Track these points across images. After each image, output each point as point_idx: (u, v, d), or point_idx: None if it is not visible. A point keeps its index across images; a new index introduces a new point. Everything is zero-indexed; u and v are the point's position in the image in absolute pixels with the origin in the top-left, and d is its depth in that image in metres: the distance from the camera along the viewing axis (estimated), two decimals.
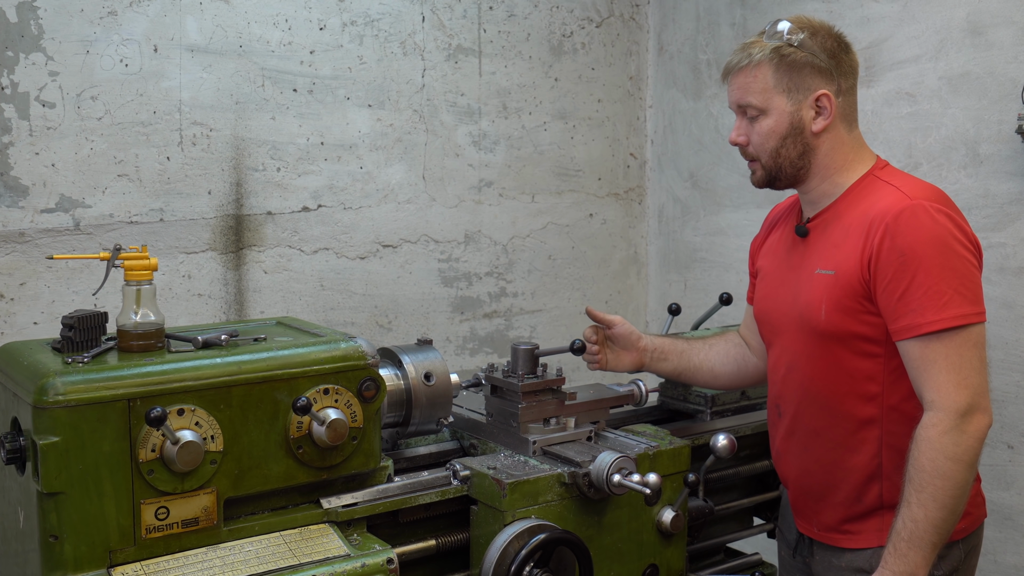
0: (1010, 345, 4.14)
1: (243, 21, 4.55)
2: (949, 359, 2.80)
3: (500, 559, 2.80)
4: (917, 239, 2.84)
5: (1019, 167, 4.05)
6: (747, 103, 3.06)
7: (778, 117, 3.04)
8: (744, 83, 3.06)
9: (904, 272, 2.84)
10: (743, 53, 3.08)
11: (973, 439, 2.79)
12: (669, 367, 3.54)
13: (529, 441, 3.10)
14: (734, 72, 3.10)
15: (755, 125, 3.07)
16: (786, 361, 3.19)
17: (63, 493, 2.40)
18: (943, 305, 2.80)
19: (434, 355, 3.13)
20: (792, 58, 3.01)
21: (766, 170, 3.11)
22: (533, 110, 5.42)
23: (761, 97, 3.04)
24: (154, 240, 4.38)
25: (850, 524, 3.11)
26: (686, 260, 5.69)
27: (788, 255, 3.23)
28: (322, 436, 2.65)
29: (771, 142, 3.06)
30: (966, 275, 2.84)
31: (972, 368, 2.81)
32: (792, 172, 3.09)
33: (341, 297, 4.89)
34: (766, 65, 3.02)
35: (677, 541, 3.22)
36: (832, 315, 2.98)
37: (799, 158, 3.07)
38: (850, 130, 3.11)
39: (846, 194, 3.08)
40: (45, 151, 4.14)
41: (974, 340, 2.83)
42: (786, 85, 3.02)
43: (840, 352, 3.01)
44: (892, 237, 2.86)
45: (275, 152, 4.66)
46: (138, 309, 2.68)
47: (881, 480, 3.03)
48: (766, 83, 3.02)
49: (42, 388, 2.39)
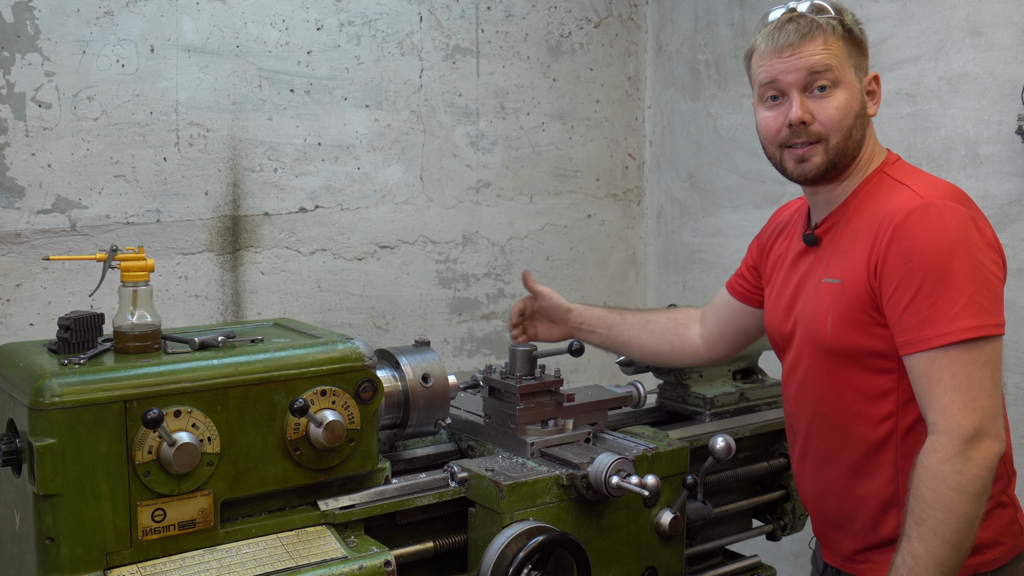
0: (1011, 346, 4.13)
1: (240, 21, 4.54)
2: (956, 377, 2.53)
3: (498, 561, 2.79)
4: (927, 242, 2.58)
5: (1019, 168, 4.05)
6: (825, 67, 2.74)
7: (851, 92, 2.77)
8: (818, 50, 2.74)
9: (911, 279, 2.58)
10: (806, 25, 2.76)
11: (980, 468, 2.50)
12: (597, 339, 3.55)
13: (527, 443, 3.10)
14: (797, 43, 2.75)
15: (827, 100, 2.76)
16: (797, 378, 2.98)
17: (59, 495, 2.39)
18: (953, 316, 2.53)
19: (432, 356, 3.13)
20: (855, 32, 2.80)
21: (831, 154, 2.79)
22: (531, 110, 5.41)
23: (838, 68, 2.75)
24: (151, 241, 4.37)
25: (869, 554, 2.89)
26: (685, 261, 5.68)
27: (795, 264, 3.01)
28: (319, 438, 2.65)
29: (848, 118, 2.77)
30: (982, 282, 2.56)
31: (982, 388, 2.52)
32: (850, 160, 2.82)
33: (338, 298, 4.88)
34: (838, 36, 2.75)
35: (676, 543, 3.21)
36: (839, 328, 2.75)
37: (859, 143, 2.82)
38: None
39: (854, 194, 2.85)
40: (41, 152, 4.13)
41: (987, 357, 2.54)
42: (855, 61, 2.78)
43: (849, 368, 2.78)
44: (900, 240, 2.61)
45: (272, 153, 4.65)
46: (135, 310, 2.67)
47: (899, 508, 2.75)
48: (841, 53, 2.76)
49: (38, 390, 2.39)
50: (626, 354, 3.59)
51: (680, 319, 3.51)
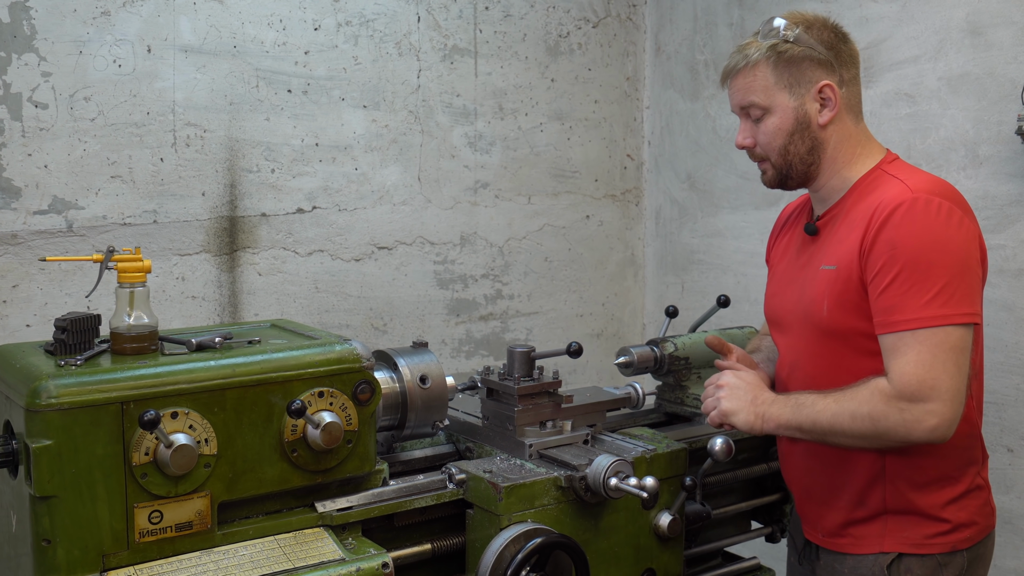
0: (1010, 348, 4.12)
1: (237, 21, 4.53)
2: (920, 355, 2.75)
3: (496, 563, 2.79)
4: (910, 232, 2.80)
5: (1019, 168, 4.04)
6: (749, 103, 3.04)
7: (783, 114, 3.02)
8: (744, 84, 3.04)
9: (892, 265, 2.80)
10: (739, 55, 3.06)
11: (904, 428, 2.77)
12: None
13: (525, 444, 3.09)
14: (733, 75, 3.08)
15: (760, 125, 3.06)
16: (790, 360, 3.19)
17: (56, 497, 2.39)
18: (924, 304, 2.76)
19: (430, 358, 3.12)
20: (790, 54, 2.99)
21: (776, 169, 3.10)
22: (529, 111, 5.40)
23: (763, 96, 3.02)
24: (148, 242, 4.36)
25: (853, 528, 3.09)
26: (683, 262, 5.68)
27: (798, 254, 3.22)
28: (317, 439, 2.65)
29: (778, 140, 3.04)
30: (958, 274, 2.79)
31: (942, 368, 2.74)
32: (803, 169, 3.07)
33: (336, 299, 4.87)
34: (764, 64, 3.00)
35: (674, 545, 3.21)
36: (834, 311, 2.96)
37: (808, 153, 3.05)
38: (856, 122, 3.09)
39: (853, 189, 3.05)
40: (38, 152, 4.12)
41: (952, 343, 2.76)
42: (787, 81, 3.00)
43: (842, 350, 2.99)
44: (887, 229, 2.83)
45: (269, 153, 4.64)
46: (131, 311, 2.67)
47: (884, 483, 3.01)
48: (767, 81, 3.01)
49: (35, 391, 2.38)
50: None
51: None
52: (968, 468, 3.04)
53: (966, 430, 3.00)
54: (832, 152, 3.06)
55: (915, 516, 3.01)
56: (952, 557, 3.00)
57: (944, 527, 3.00)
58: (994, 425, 4.17)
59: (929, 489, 3.00)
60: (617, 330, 5.83)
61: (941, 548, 2.99)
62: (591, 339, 5.71)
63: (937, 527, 3.00)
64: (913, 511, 3.00)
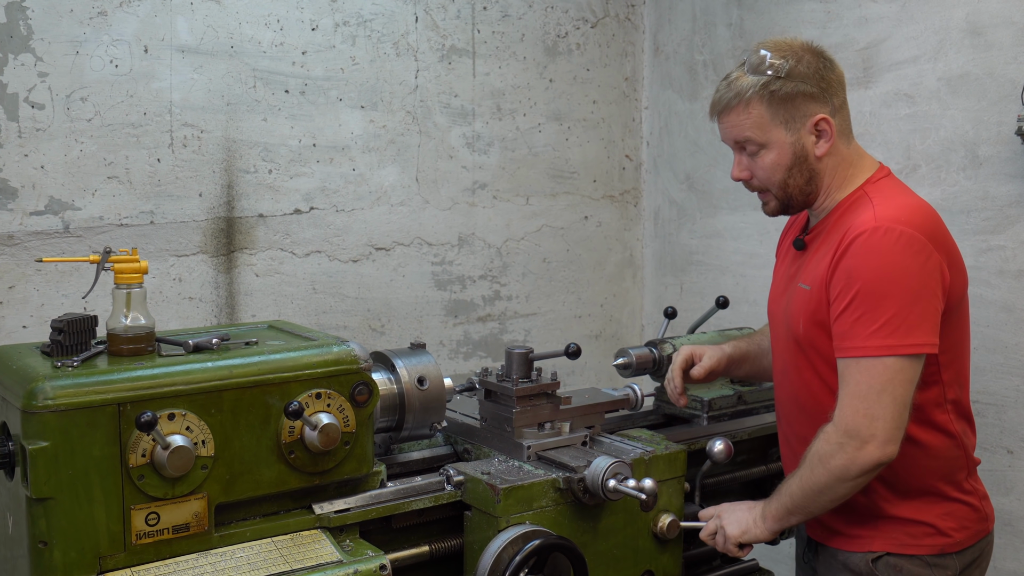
0: (1010, 349, 4.11)
1: (234, 21, 4.52)
2: (859, 386, 2.85)
3: (494, 565, 2.79)
4: (865, 263, 2.87)
5: (1019, 169, 4.03)
6: (745, 139, 3.08)
7: (780, 149, 3.06)
8: (738, 121, 3.07)
9: (846, 293, 2.88)
10: (730, 91, 3.07)
11: (853, 464, 2.86)
12: (744, 372, 3.64)
13: (523, 446, 3.09)
14: (725, 111, 3.10)
15: (757, 160, 3.10)
16: (779, 369, 3.29)
17: (52, 499, 2.40)
18: (869, 334, 2.84)
19: (427, 359, 3.13)
20: (784, 91, 3.01)
21: (779, 200, 3.16)
22: (528, 111, 5.40)
23: (759, 132, 3.05)
24: (144, 243, 4.35)
25: (843, 526, 3.15)
26: (682, 263, 5.67)
27: (788, 266, 3.29)
28: (314, 441, 2.65)
29: (777, 175, 3.09)
30: (908, 303, 2.85)
31: (878, 400, 2.83)
32: (802, 198, 3.13)
33: (333, 300, 4.86)
34: (757, 102, 3.03)
35: (673, 547, 3.22)
36: (809, 329, 3.05)
37: (807, 184, 3.11)
38: (848, 144, 3.14)
39: (836, 208, 3.12)
40: (34, 153, 4.10)
41: (892, 374, 2.84)
42: (782, 117, 3.03)
43: (819, 364, 3.07)
44: (847, 257, 2.90)
45: (267, 154, 4.63)
46: (128, 312, 2.67)
47: (867, 492, 3.04)
48: (761, 119, 3.04)
49: (31, 392, 2.39)
50: (764, 379, 3.67)
51: None
52: (952, 478, 3.10)
53: (947, 443, 3.08)
54: (828, 179, 3.12)
55: (902, 521, 3.07)
56: (942, 559, 3.06)
57: (932, 531, 3.06)
58: (993, 427, 4.16)
59: (914, 499, 3.07)
60: (615, 331, 5.83)
61: (929, 550, 3.06)
62: (589, 340, 5.70)
63: (924, 530, 3.06)
64: (900, 517, 3.07)
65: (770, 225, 5.03)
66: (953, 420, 3.07)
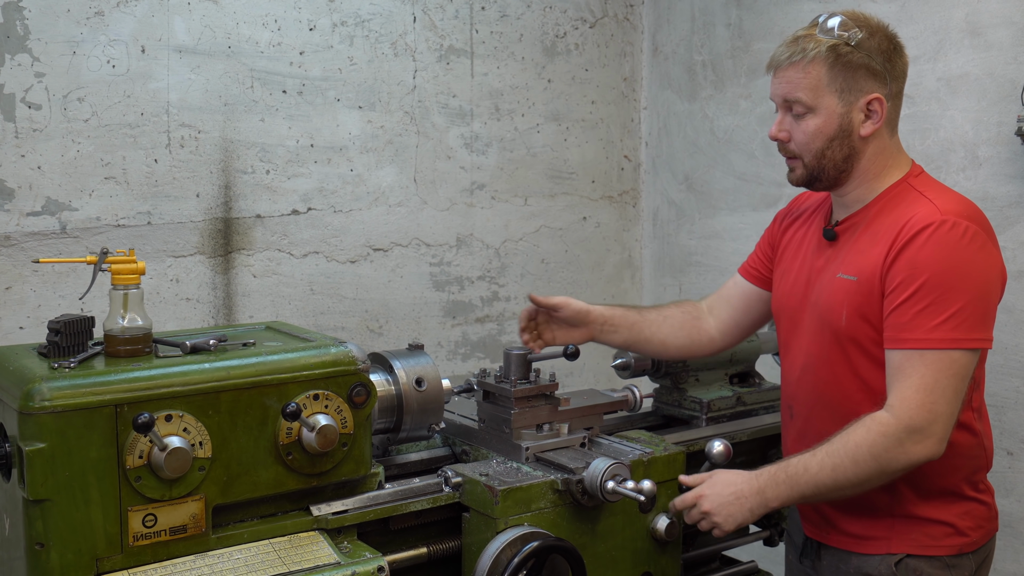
0: (1009, 350, 4.11)
1: (232, 21, 4.51)
2: (924, 379, 2.78)
3: (492, 567, 2.78)
4: (933, 253, 2.81)
5: (1019, 169, 4.02)
6: (796, 99, 2.99)
7: (827, 117, 2.98)
8: (795, 78, 2.98)
9: (910, 283, 2.82)
10: (796, 47, 2.99)
11: (905, 458, 2.80)
12: (619, 339, 3.52)
13: (522, 447, 3.09)
14: (784, 66, 3.01)
15: (801, 123, 3.01)
16: (801, 363, 3.17)
17: (49, 500, 2.39)
18: (935, 326, 2.78)
19: (425, 360, 3.12)
20: (849, 58, 2.94)
21: (808, 170, 3.06)
22: (526, 112, 5.39)
23: (812, 95, 2.97)
24: (142, 244, 4.34)
25: (858, 528, 3.09)
26: (681, 264, 5.66)
27: (814, 257, 3.19)
28: (312, 442, 2.64)
29: (817, 142, 3.00)
30: (975, 299, 2.81)
31: (943, 395, 2.78)
32: (834, 175, 3.04)
33: (331, 301, 4.86)
34: (821, 62, 2.95)
35: (672, 549, 3.21)
36: (853, 320, 2.97)
37: (843, 161, 3.01)
38: (892, 135, 3.08)
39: (877, 199, 3.05)
40: (31, 153, 4.10)
41: (956, 368, 2.79)
42: (839, 85, 2.95)
43: (858, 358, 3.00)
44: (911, 248, 2.83)
45: (264, 154, 4.63)
46: (125, 313, 2.66)
47: (891, 493, 3.00)
48: (819, 81, 2.95)
49: (28, 394, 2.38)
50: (646, 351, 3.57)
51: (692, 312, 3.57)
52: (974, 476, 3.07)
53: (971, 441, 3.03)
54: (866, 163, 3.03)
55: (923, 521, 3.01)
56: (960, 559, 3.02)
57: (951, 531, 3.01)
58: (994, 428, 4.11)
59: (936, 499, 3.01)
60: None
61: (948, 551, 3.01)
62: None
63: (944, 531, 3.01)
64: (921, 517, 3.01)
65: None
66: (976, 419, 3.04)
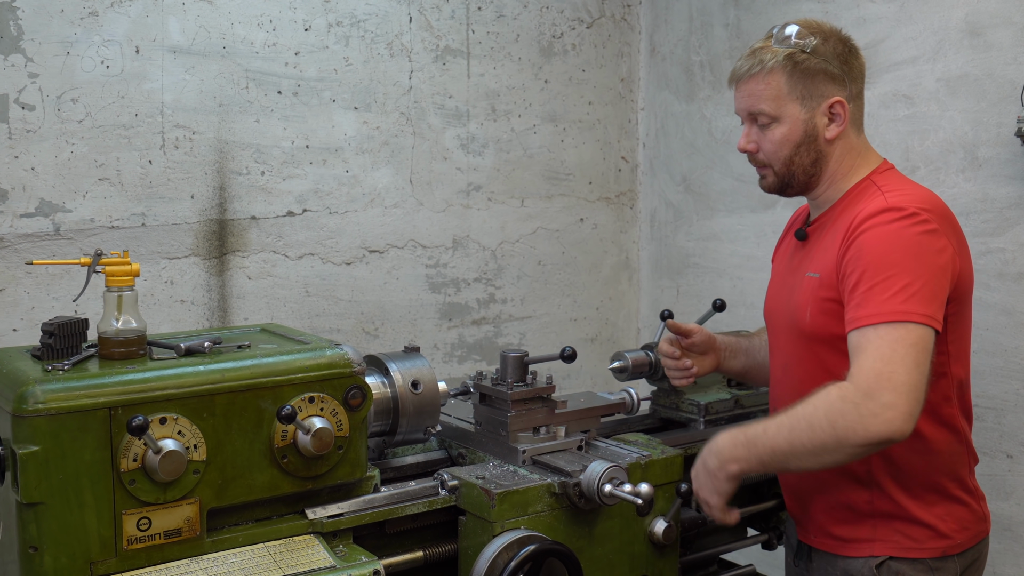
0: (1009, 352, 4.09)
1: (226, 22, 4.50)
2: (880, 349, 2.71)
3: (489, 571, 2.78)
4: (877, 236, 2.84)
5: (1018, 170, 4.01)
6: (759, 111, 3.07)
7: (792, 125, 3.05)
8: (755, 90, 3.06)
9: (858, 267, 2.84)
10: (753, 59, 3.07)
11: (864, 429, 2.66)
12: (738, 365, 3.59)
13: (518, 450, 3.09)
14: (744, 78, 3.09)
15: (767, 133, 3.09)
16: (781, 363, 3.24)
17: (43, 503, 2.39)
18: (884, 300, 2.76)
19: (421, 363, 3.12)
20: (806, 65, 3.01)
21: (778, 177, 3.14)
22: (522, 112, 5.38)
23: (774, 105, 3.04)
24: (136, 245, 4.33)
25: (842, 530, 3.11)
26: (679, 265, 5.65)
27: (790, 259, 3.27)
28: (307, 445, 2.64)
29: (784, 150, 3.07)
30: (922, 276, 2.78)
31: (901, 363, 2.69)
32: (804, 179, 3.12)
33: (326, 303, 4.84)
34: (779, 72, 3.02)
35: (669, 552, 3.21)
36: (816, 317, 3.01)
37: (812, 165, 3.10)
38: (858, 134, 3.14)
39: (842, 199, 3.11)
40: (24, 154, 4.08)
41: (913, 339, 2.72)
42: (800, 92, 3.03)
43: (826, 355, 3.02)
44: (859, 235, 2.87)
45: (259, 155, 4.61)
46: (119, 316, 2.66)
47: (871, 487, 3.04)
48: (779, 90, 3.03)
49: (22, 396, 2.38)
50: (761, 376, 3.60)
51: None
52: (956, 475, 3.08)
53: (952, 437, 3.05)
54: (834, 165, 3.11)
55: (904, 521, 3.03)
56: (943, 562, 3.03)
57: (932, 533, 3.03)
58: (993, 431, 4.14)
59: (917, 496, 3.02)
60: (611, 334, 5.81)
61: (931, 553, 3.02)
62: (585, 344, 5.68)
63: (926, 532, 3.03)
64: (902, 516, 3.03)
65: (767, 227, 5.02)
66: (958, 415, 3.05)
